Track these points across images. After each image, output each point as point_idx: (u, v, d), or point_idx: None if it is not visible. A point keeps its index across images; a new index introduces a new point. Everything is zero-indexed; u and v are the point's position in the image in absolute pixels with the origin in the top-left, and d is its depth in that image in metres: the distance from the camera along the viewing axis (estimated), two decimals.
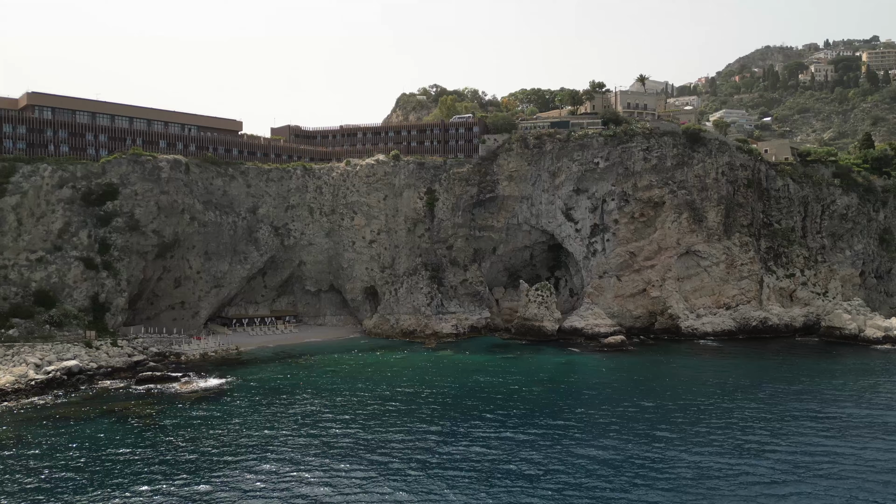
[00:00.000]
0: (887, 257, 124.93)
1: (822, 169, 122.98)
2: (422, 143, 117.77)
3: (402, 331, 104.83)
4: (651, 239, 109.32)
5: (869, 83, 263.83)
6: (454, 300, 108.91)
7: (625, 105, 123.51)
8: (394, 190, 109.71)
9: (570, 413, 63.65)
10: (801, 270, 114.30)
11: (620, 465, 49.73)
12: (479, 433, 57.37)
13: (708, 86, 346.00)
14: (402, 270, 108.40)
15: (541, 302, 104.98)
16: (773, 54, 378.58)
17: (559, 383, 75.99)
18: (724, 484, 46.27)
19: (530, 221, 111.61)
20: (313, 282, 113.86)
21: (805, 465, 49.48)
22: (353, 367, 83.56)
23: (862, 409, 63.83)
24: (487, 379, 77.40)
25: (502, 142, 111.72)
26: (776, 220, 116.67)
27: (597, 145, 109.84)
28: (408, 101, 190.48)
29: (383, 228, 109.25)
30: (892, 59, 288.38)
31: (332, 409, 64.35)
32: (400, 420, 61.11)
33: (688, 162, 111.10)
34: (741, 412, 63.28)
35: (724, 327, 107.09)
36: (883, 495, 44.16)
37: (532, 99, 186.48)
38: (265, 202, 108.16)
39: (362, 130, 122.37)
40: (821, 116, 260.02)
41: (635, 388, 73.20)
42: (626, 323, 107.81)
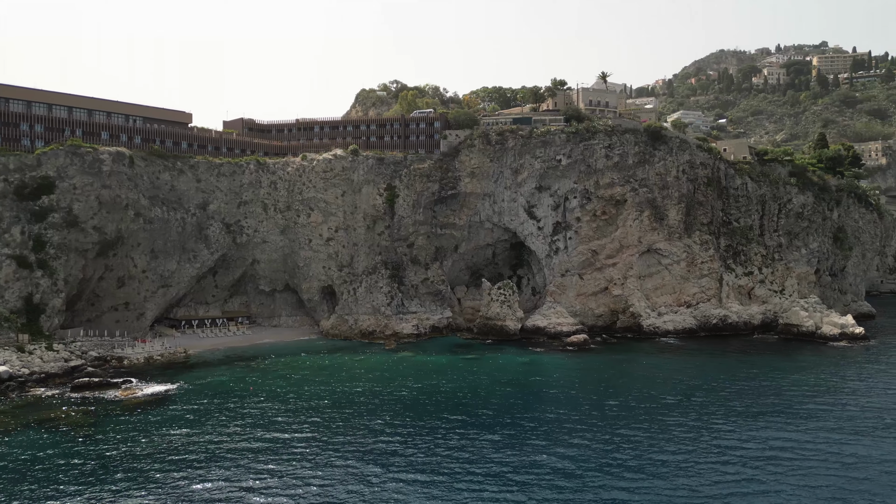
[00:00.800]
0: (841, 255, 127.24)
1: (778, 168, 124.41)
2: (381, 138, 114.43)
3: (361, 331, 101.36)
4: (613, 237, 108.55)
5: (819, 87, 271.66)
6: (415, 300, 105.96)
7: (587, 102, 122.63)
8: (352, 186, 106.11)
9: (535, 414, 61.64)
10: (759, 268, 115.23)
11: (588, 467, 48.11)
12: (441, 437, 54.77)
13: (665, 87, 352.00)
14: (360, 269, 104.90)
15: (503, 301, 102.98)
16: (727, 58, 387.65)
17: (523, 384, 73.96)
18: (694, 482, 45.21)
19: (493, 219, 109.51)
20: (268, 281, 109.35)
21: (774, 461, 48.71)
22: (309, 370, 79.87)
23: (825, 405, 63.58)
24: (449, 380, 74.86)
25: (464, 138, 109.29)
26: (735, 219, 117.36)
27: (559, 142, 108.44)
28: (367, 96, 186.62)
29: (341, 226, 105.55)
30: (840, 63, 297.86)
31: (285, 415, 60.75)
32: (357, 425, 57.97)
33: (649, 160, 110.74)
34: (706, 411, 62.37)
35: (685, 325, 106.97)
36: (849, 490, 43.67)
37: (494, 97, 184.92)
38: (216, 198, 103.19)
39: (319, 124, 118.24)
40: (773, 118, 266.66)
41: (599, 388, 71.85)
42: (589, 322, 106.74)
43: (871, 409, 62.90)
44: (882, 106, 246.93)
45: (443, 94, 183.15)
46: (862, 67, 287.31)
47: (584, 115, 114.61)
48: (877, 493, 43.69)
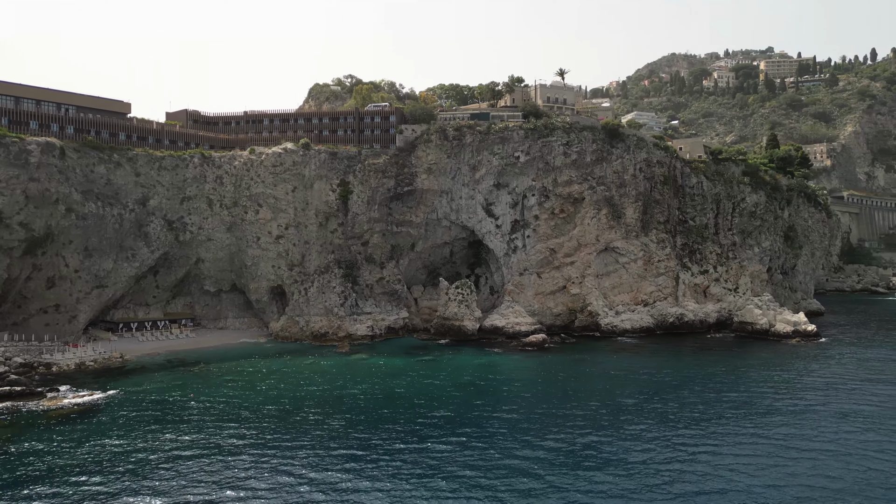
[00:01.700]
0: (792, 254, 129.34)
1: (732, 167, 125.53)
2: (335, 132, 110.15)
3: (313, 333, 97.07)
4: (571, 235, 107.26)
5: (767, 90, 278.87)
6: (370, 300, 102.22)
7: (544, 99, 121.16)
8: (303, 181, 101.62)
9: (494, 417, 59.04)
10: (714, 267, 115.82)
11: (548, 470, 45.97)
12: (396, 443, 51.60)
13: (619, 89, 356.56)
14: (312, 268, 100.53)
15: (461, 300, 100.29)
16: (679, 61, 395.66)
17: (481, 386, 71.34)
18: (655, 483, 43.79)
19: (450, 217, 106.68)
20: (213, 281, 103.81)
21: (736, 461, 47.40)
22: (255, 375, 75.34)
23: (786, 404, 62.97)
24: (405, 383, 71.64)
25: (420, 133, 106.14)
26: (691, 217, 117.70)
27: (517, 138, 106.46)
28: (321, 91, 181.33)
29: (292, 223, 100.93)
30: (786, 68, 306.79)
31: (227, 424, 56.36)
32: (306, 433, 54.13)
33: (607, 158, 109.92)
34: (666, 411, 61.04)
35: (642, 324, 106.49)
36: (814, 487, 42.64)
37: (451, 94, 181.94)
38: (157, 193, 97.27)
39: (269, 117, 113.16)
40: (723, 120, 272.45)
41: (559, 390, 69.96)
42: (547, 321, 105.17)
43: (832, 405, 62.59)
44: (826, 109, 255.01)
45: (399, 90, 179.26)
46: (807, 72, 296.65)
47: (542, 111, 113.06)
48: (841, 489, 42.67)
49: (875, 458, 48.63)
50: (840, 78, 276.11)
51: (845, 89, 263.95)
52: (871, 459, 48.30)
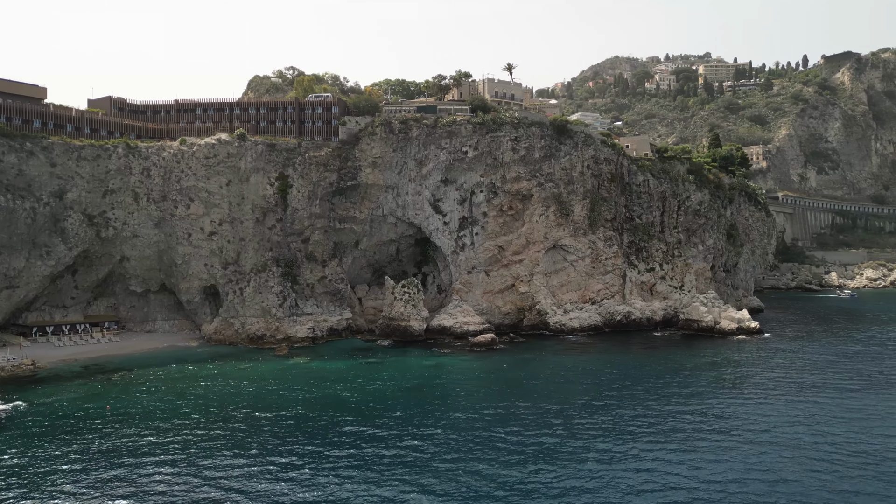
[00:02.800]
0: (734, 252, 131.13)
1: (678, 165, 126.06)
2: (273, 123, 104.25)
3: (249, 336, 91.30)
4: (519, 233, 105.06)
5: (706, 93, 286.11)
6: (311, 300, 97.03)
7: (492, 94, 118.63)
8: (239, 174, 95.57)
9: (442, 421, 55.77)
10: (660, 265, 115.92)
11: (499, 472, 43.60)
12: (338, 453, 47.55)
13: (565, 90, 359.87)
14: (248, 267, 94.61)
15: (407, 300, 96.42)
16: (622, 64, 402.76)
17: (428, 389, 67.87)
18: (605, 481, 42.44)
19: (396, 213, 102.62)
20: (139, 281, 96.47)
21: (688, 461, 45.88)
22: (183, 382, 69.49)
23: (735, 401, 62.09)
24: (347, 388, 67.39)
25: (365, 125, 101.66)
26: (637, 215, 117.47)
27: (465, 133, 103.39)
28: (261, 83, 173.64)
29: (226, 218, 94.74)
30: (723, 72, 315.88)
31: (146, 438, 50.87)
32: (235, 445, 49.30)
33: (555, 154, 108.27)
34: (617, 411, 59.50)
35: (590, 322, 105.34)
36: (768, 487, 41.46)
37: (397, 90, 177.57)
38: (76, 185, 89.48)
39: (202, 106, 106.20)
40: (665, 122, 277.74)
41: (508, 390, 67.41)
42: (496, 320, 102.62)
43: (779, 400, 62.08)
44: (762, 112, 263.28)
45: (343, 84, 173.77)
46: (743, 76, 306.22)
47: (490, 106, 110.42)
48: (795, 490, 41.38)
49: (826, 452, 48.07)
50: (774, 83, 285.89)
51: (779, 94, 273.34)
52: (822, 453, 47.72)
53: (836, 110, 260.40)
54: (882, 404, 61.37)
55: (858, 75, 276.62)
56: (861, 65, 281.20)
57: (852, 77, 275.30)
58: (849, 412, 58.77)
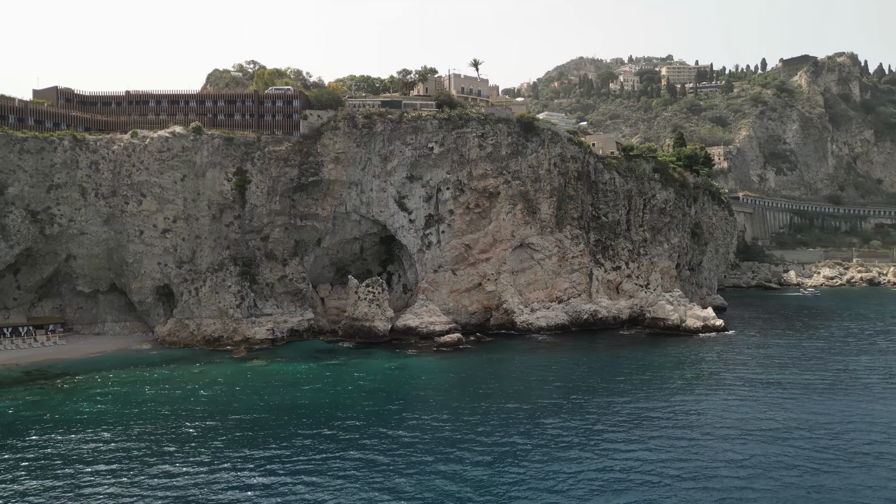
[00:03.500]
0: (698, 250, 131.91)
1: (643, 164, 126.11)
2: (231, 116, 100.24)
3: (205, 338, 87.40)
4: (486, 231, 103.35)
5: (669, 94, 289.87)
6: (270, 300, 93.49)
7: (458, 90, 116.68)
8: (194, 169, 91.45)
9: (408, 424, 53.51)
10: (626, 263, 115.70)
11: (466, 475, 42.00)
12: (295, 460, 44.90)
13: (530, 90, 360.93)
14: (204, 266, 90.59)
15: (371, 299, 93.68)
16: (587, 65, 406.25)
17: (392, 391, 65.41)
18: (574, 483, 41.48)
19: (360, 210, 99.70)
20: (88, 281, 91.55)
21: (658, 461, 44.98)
22: (131, 388, 65.60)
23: (703, 399, 61.30)
24: (307, 392, 64.54)
25: (327, 119, 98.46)
26: (603, 213, 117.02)
27: (431, 128, 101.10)
28: (220, 77, 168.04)
29: (181, 215, 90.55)
30: (686, 74, 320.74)
31: (86, 448, 47.23)
32: (185, 456, 46.10)
33: (522, 151, 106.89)
34: (585, 411, 58.16)
35: (557, 321, 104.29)
36: (736, 485, 40.46)
37: (362, 86, 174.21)
38: (18, 179, 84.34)
39: (156, 98, 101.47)
40: (629, 122, 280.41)
41: (475, 391, 65.51)
42: (462, 319, 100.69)
43: (746, 398, 61.56)
44: (723, 114, 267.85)
45: (306, 79, 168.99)
46: (705, 78, 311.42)
47: (456, 101, 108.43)
48: (765, 486, 40.62)
49: (791, 450, 47.43)
50: (735, 85, 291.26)
51: (739, 95, 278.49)
52: (792, 448, 47.19)
53: (793, 112, 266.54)
54: (847, 399, 61.39)
55: (815, 78, 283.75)
56: (818, 68, 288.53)
57: (809, 80, 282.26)
58: (815, 408, 58.72)
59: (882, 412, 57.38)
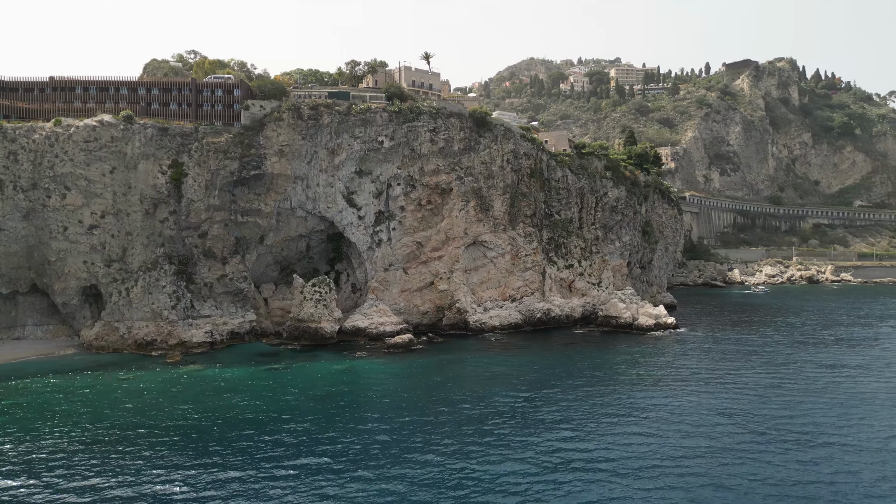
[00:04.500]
0: (648, 248, 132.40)
1: (595, 162, 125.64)
2: (166, 105, 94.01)
3: (137, 342, 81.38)
4: (439, 228, 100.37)
5: (618, 95, 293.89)
6: (209, 300, 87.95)
7: (409, 83, 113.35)
8: (125, 161, 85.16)
9: (355, 432, 49.89)
10: (579, 261, 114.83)
11: (417, 487, 38.96)
12: (229, 473, 40.82)
13: (482, 89, 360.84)
14: (136, 264, 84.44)
15: (318, 300, 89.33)
16: (537, 65, 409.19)
17: (339, 396, 61.58)
18: (529, 487, 39.27)
19: (306, 206, 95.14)
20: (5, 281, 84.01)
21: (618, 462, 42.62)
22: (47, 397, 59.66)
23: (660, 398, 59.92)
24: (246, 398, 60.01)
25: (271, 110, 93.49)
26: (556, 211, 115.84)
27: (381, 121, 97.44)
28: (158, 67, 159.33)
29: (109, 210, 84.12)
30: (634, 76, 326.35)
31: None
32: (103, 471, 41.24)
33: (474, 147, 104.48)
34: (537, 410, 56.15)
35: (510, 320, 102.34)
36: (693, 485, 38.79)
37: (309, 80, 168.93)
38: None
39: (83, 84, 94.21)
40: (579, 123, 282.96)
41: (427, 394, 62.43)
42: (414, 320, 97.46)
43: (702, 395, 60.51)
44: (669, 115, 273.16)
45: (251, 71, 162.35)
46: (652, 80, 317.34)
47: (407, 94, 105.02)
48: (719, 483, 39.01)
49: (748, 449, 46.26)
50: (681, 87, 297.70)
51: (685, 98, 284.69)
52: (744, 444, 46.01)
53: (736, 115, 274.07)
54: (800, 394, 61.15)
55: (756, 82, 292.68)
56: (759, 72, 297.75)
57: (751, 84, 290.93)
58: (767, 403, 58.25)
59: (825, 403, 57.94)
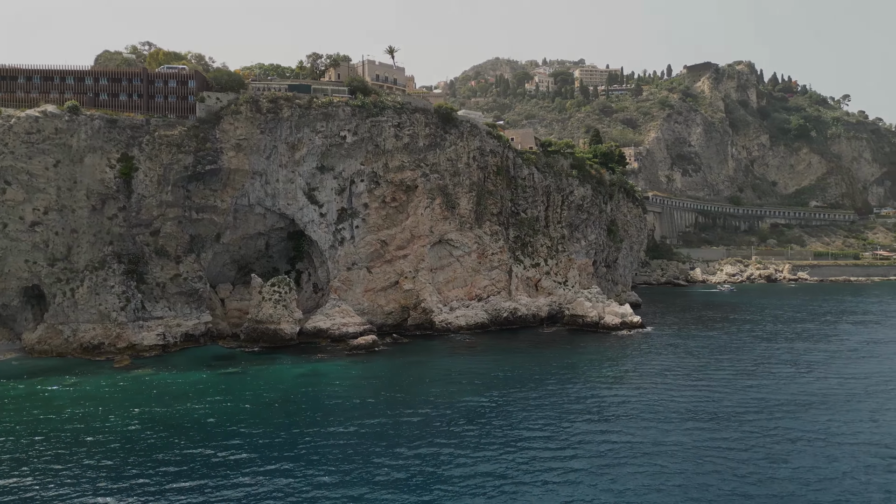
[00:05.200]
0: (614, 247, 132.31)
1: (561, 160, 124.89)
2: (116, 96, 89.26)
3: (83, 345, 76.86)
4: (403, 226, 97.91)
5: (582, 96, 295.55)
6: (161, 301, 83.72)
7: (373, 77, 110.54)
8: (70, 154, 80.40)
9: (315, 439, 47.43)
10: (545, 260, 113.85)
11: (380, 496, 37.08)
12: (179, 485, 37.67)
13: (448, 88, 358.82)
14: (83, 263, 79.79)
15: (278, 300, 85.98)
16: (503, 65, 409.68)
17: (297, 402, 58.72)
18: (497, 490, 37.86)
19: (265, 203, 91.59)
20: None
21: (587, 465, 41.46)
22: None
23: (625, 397, 58.74)
24: (200, 405, 56.68)
25: (228, 102, 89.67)
26: (522, 210, 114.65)
27: (343, 116, 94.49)
28: (111, 59, 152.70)
29: (53, 206, 79.26)
30: (598, 77, 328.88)
31: None
32: (37, 487, 37.72)
33: (440, 144, 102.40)
34: (504, 411, 54.66)
35: (477, 320, 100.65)
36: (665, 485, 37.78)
37: (271, 75, 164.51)
38: None
39: (25, 73, 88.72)
40: (544, 122, 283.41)
41: (392, 397, 60.10)
42: (378, 320, 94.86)
43: (671, 395, 59.62)
44: (633, 116, 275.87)
45: (209, 64, 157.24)
46: (616, 81, 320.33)
47: (371, 88, 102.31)
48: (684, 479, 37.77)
49: (719, 448, 45.52)
50: (644, 89, 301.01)
51: (648, 99, 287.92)
52: (712, 445, 45.26)
53: (697, 116, 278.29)
54: (767, 391, 60.81)
55: (717, 85, 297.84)
56: (719, 75, 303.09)
57: (711, 86, 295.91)
58: (734, 403, 57.76)
59: (789, 398, 57.80)
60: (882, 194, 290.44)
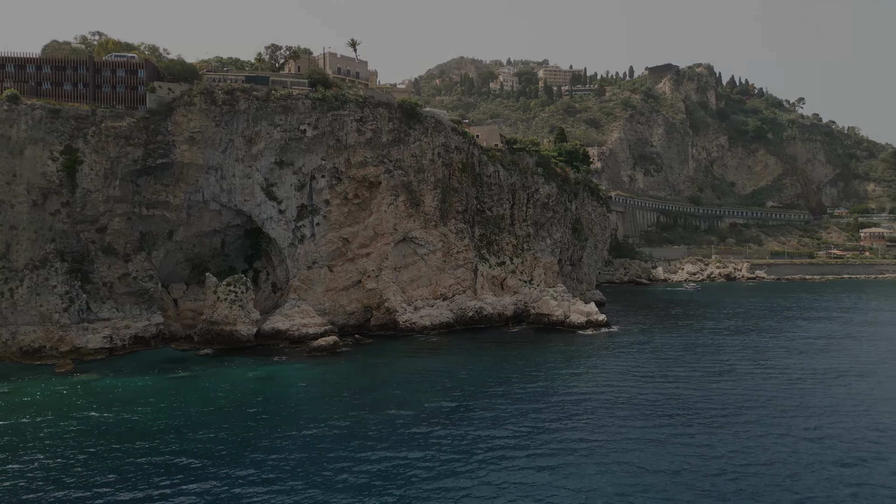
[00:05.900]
0: (578, 246, 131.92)
1: (526, 158, 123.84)
2: (60, 85, 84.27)
3: (22, 349, 72.10)
4: (366, 223, 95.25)
5: (546, 96, 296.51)
6: (108, 302, 79.23)
7: (335, 70, 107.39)
8: (9, 145, 75.39)
9: (271, 447, 44.53)
10: (511, 258, 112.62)
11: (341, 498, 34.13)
12: (120, 497, 34.72)
13: (412, 86, 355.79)
14: (22, 262, 74.87)
15: (233, 300, 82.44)
16: (467, 64, 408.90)
17: (252, 408, 55.71)
18: (461, 492, 35.09)
19: (220, 198, 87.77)
20: None
21: (559, 465, 39.38)
22: None
23: (593, 396, 57.48)
24: (147, 412, 53.26)
25: (180, 93, 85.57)
26: (488, 207, 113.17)
27: (303, 109, 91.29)
28: (59, 49, 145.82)
29: None
30: (561, 77, 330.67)
31: None
32: None
33: (404, 139, 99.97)
34: (469, 413, 52.80)
35: (442, 320, 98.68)
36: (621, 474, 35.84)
37: (228, 67, 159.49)
38: None
39: None
40: (509, 122, 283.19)
41: (353, 401, 57.65)
42: (340, 320, 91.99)
43: (640, 393, 58.66)
44: (596, 116, 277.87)
45: (163, 56, 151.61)
46: (579, 82, 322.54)
47: (332, 81, 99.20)
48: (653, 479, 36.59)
49: (689, 447, 44.67)
50: (607, 89, 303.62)
51: (611, 99, 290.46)
52: (679, 446, 44.46)
53: (659, 117, 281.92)
54: (731, 387, 60.39)
55: (677, 86, 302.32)
56: (679, 77, 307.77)
57: (672, 88, 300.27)
58: (699, 399, 57.19)
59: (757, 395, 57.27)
60: (835, 195, 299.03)
